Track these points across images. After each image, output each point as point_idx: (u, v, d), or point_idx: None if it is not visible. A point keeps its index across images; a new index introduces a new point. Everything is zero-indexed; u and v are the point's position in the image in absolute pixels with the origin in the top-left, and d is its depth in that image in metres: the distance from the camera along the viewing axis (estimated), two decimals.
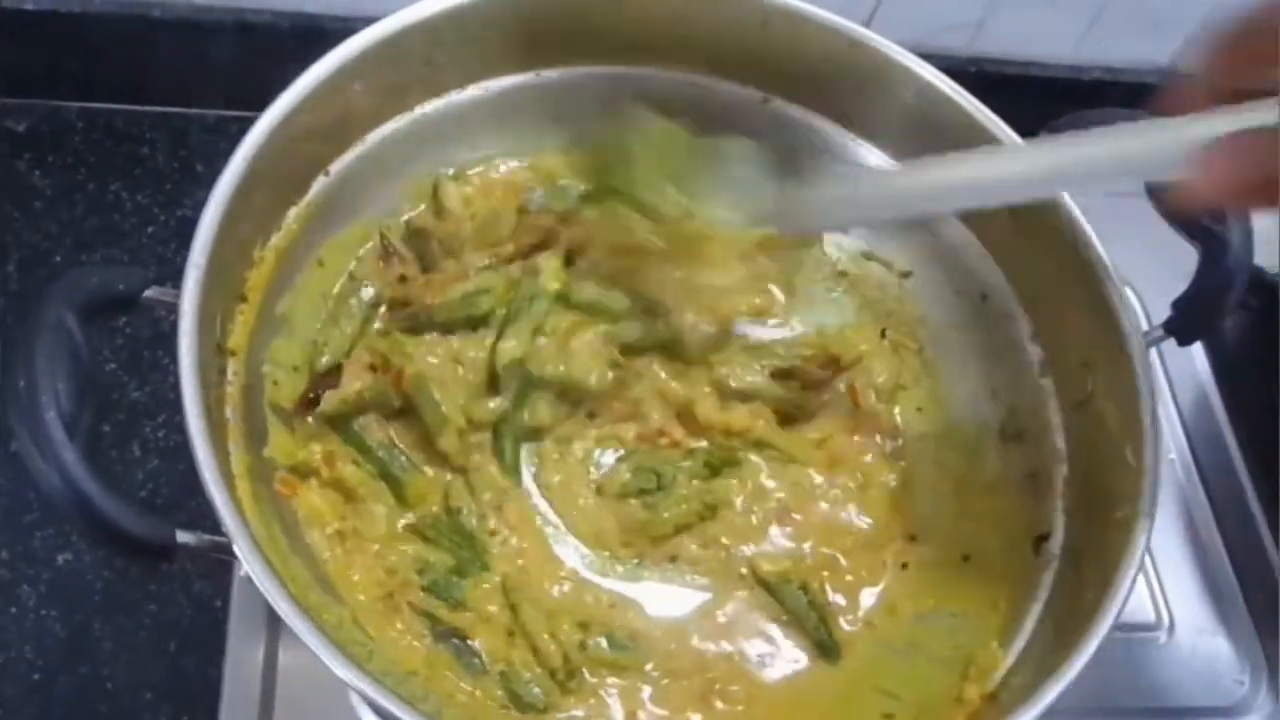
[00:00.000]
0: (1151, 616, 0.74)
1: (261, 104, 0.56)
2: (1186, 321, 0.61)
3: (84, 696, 0.67)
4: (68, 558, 0.71)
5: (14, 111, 0.87)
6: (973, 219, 0.67)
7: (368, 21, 0.59)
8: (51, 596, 0.70)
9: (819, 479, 0.64)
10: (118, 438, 0.75)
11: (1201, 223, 0.60)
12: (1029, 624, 0.57)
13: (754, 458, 0.63)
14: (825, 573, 0.62)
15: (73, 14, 0.83)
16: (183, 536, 0.46)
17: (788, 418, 0.65)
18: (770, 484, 0.63)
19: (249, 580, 0.46)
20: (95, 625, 0.69)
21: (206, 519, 0.47)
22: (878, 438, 0.65)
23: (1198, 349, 0.84)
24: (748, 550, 0.61)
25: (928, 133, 0.66)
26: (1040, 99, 0.69)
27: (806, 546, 0.62)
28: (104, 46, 0.85)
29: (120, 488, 0.72)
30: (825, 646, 0.60)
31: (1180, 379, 0.84)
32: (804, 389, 0.65)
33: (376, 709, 0.46)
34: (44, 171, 0.86)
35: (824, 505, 0.63)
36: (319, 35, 0.83)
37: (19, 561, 0.71)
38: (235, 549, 0.45)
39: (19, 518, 0.72)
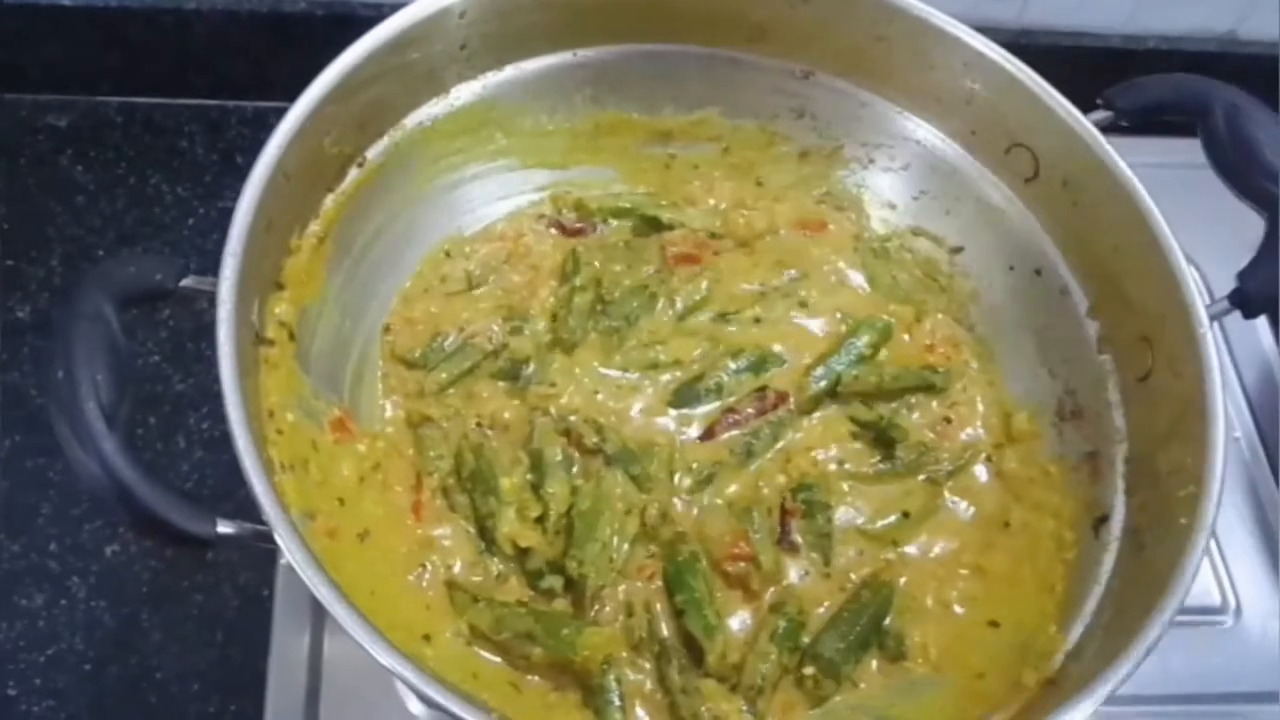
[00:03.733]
0: (1217, 600, 0.71)
1: (298, 94, 0.55)
2: (1252, 293, 0.59)
3: (133, 686, 0.68)
4: (115, 550, 0.72)
5: (55, 108, 0.88)
6: (1026, 193, 0.65)
7: (400, 9, 0.58)
8: (100, 588, 0.70)
9: None
10: (163, 430, 0.76)
11: (1269, 190, 0.57)
12: (1089, 607, 0.56)
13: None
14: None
15: (110, 9, 0.83)
16: (223, 526, 0.46)
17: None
18: None
19: (292, 569, 0.45)
20: (143, 616, 0.70)
21: (253, 509, 0.47)
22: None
23: (1263, 324, 0.81)
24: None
25: (977, 104, 0.64)
26: (1094, 71, 0.66)
27: None
28: (142, 41, 0.86)
29: (167, 477, 0.73)
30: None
31: (1245, 355, 0.80)
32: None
33: (421, 696, 0.45)
34: (85, 166, 0.86)
35: None
36: (354, 23, 0.83)
37: (68, 554, 0.71)
38: (276, 537, 0.45)
39: (67, 511, 0.72)
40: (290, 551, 0.45)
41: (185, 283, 0.51)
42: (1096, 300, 0.63)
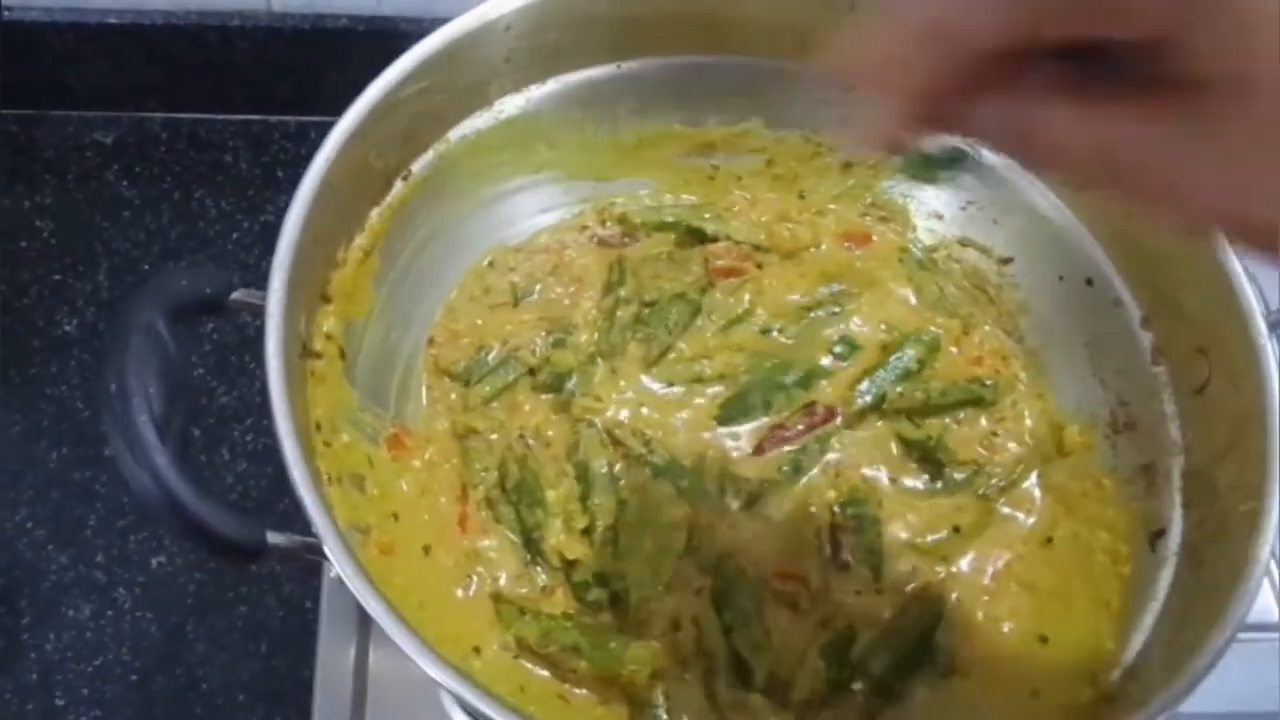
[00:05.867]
0: (1275, 616, 0.70)
1: (339, 108, 0.55)
2: None
3: (180, 697, 0.69)
4: (161, 561, 0.72)
5: (101, 124, 0.89)
6: (1076, 201, 0.64)
7: (441, 23, 0.58)
8: (146, 599, 0.71)
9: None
10: (208, 442, 0.76)
11: None
12: (1147, 623, 0.55)
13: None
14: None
15: (155, 27, 0.84)
16: (273, 537, 0.46)
17: None
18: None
19: (340, 580, 0.45)
20: (189, 627, 0.71)
21: (296, 521, 0.47)
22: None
23: None
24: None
25: None
26: None
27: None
28: (186, 58, 0.87)
29: (211, 490, 0.74)
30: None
31: None
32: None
33: (469, 710, 0.45)
34: (131, 181, 0.87)
35: None
36: (395, 38, 0.84)
37: (115, 565, 0.72)
38: (325, 549, 0.45)
39: (114, 522, 0.73)
40: (340, 564, 0.45)
41: (235, 296, 0.51)
42: (1150, 311, 0.61)
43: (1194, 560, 0.55)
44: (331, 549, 0.45)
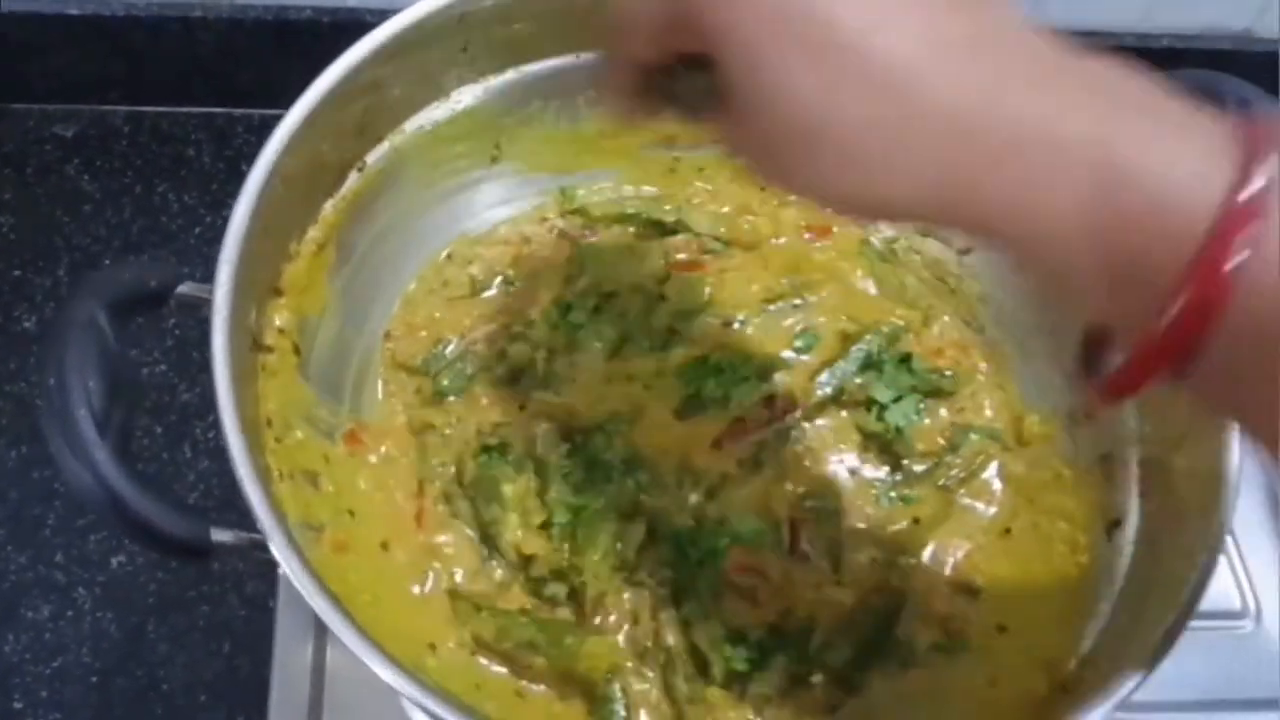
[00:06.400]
0: (1236, 604, 0.70)
1: None
2: None
3: (140, 698, 0.68)
4: (121, 560, 0.72)
5: (62, 117, 0.88)
6: None
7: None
8: (106, 599, 0.70)
9: None
10: (169, 439, 0.76)
11: None
12: (1103, 612, 0.55)
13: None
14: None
15: (116, 18, 0.83)
16: (218, 535, 0.45)
17: None
18: None
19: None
20: (150, 627, 0.70)
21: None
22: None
23: None
24: None
25: None
26: None
27: None
28: (148, 50, 0.86)
29: (172, 487, 0.73)
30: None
31: None
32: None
33: (424, 709, 0.44)
34: (92, 175, 0.86)
35: None
36: (359, 30, 0.83)
37: (74, 565, 0.71)
38: (270, 546, 0.44)
39: (73, 522, 0.72)
40: (285, 561, 0.44)
41: (181, 289, 0.50)
42: None
43: (1150, 549, 0.55)
44: (277, 546, 0.44)
